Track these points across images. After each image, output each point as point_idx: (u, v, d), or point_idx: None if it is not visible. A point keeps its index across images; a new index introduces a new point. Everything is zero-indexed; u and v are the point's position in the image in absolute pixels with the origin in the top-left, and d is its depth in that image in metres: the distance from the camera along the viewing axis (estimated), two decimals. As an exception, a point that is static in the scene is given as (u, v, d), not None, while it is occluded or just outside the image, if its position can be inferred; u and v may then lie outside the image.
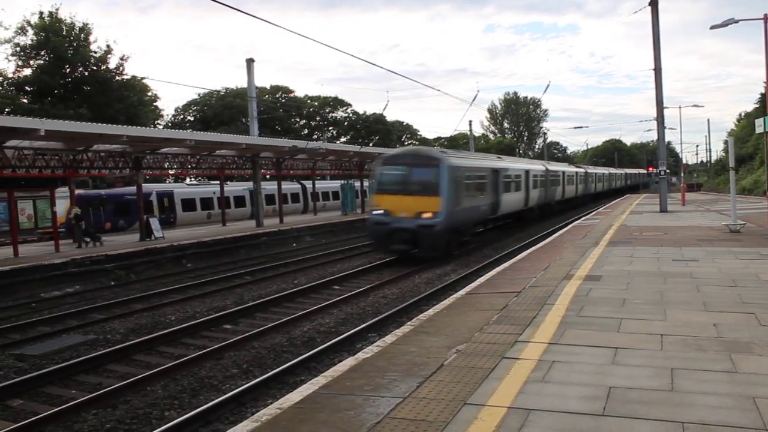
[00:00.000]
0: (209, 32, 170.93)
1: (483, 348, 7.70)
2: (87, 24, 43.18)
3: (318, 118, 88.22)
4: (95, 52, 43.39)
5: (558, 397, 5.87)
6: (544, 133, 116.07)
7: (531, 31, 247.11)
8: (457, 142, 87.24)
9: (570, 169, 55.96)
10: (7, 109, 36.52)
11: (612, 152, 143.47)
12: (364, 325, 13.15)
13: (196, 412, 8.53)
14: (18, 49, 41.57)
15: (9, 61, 44.51)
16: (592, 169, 71.02)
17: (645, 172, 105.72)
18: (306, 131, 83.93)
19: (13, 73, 42.20)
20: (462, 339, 8.18)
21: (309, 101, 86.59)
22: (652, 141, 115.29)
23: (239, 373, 10.56)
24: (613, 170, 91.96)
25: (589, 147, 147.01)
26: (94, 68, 43.12)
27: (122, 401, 9.24)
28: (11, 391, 9.52)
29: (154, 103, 51.92)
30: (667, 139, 46.38)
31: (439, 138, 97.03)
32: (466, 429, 5.24)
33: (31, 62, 42.21)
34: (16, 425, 8.16)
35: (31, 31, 41.67)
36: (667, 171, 34.79)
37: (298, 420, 5.66)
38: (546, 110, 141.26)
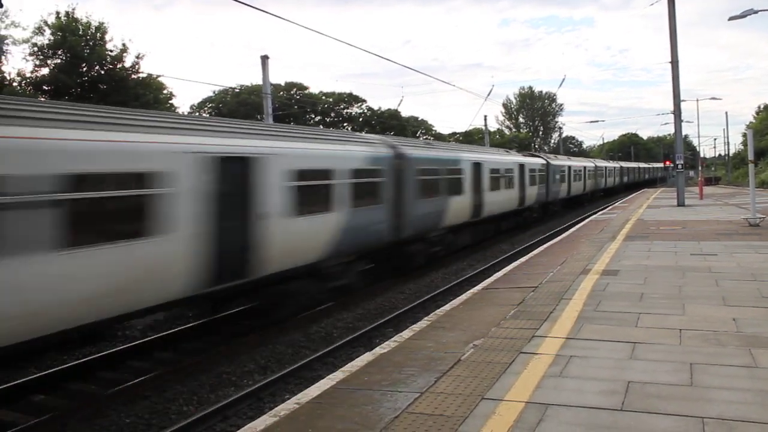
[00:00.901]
0: (224, 29, 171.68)
1: (500, 343, 7.70)
2: (103, 23, 43.48)
3: (333, 115, 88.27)
4: (111, 51, 43.68)
5: (576, 392, 5.86)
6: (560, 128, 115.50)
7: (546, 25, 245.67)
8: (472, 137, 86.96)
9: (576, 163, 50.20)
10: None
11: (628, 146, 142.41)
12: (381, 321, 13.18)
13: (215, 407, 8.62)
14: (36, 49, 41.97)
15: (27, 61, 44.76)
16: (602, 163, 64.70)
17: (660, 165, 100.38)
18: (321, 128, 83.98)
19: (31, 72, 42.60)
20: (479, 334, 8.18)
21: (324, 97, 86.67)
22: (669, 134, 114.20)
23: (257, 369, 10.62)
24: (625, 164, 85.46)
25: (606, 141, 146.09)
26: (110, 67, 43.45)
27: (142, 396, 9.34)
28: (35, 386, 9.63)
29: (170, 101, 52.11)
30: (684, 133, 46.06)
31: (454, 133, 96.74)
32: (484, 424, 5.25)
33: (49, 62, 42.58)
34: (39, 419, 8.28)
35: (48, 31, 42.04)
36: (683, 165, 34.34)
37: (316, 415, 5.70)
38: (561, 104, 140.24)
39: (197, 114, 70.95)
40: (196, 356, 10.95)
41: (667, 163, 74.33)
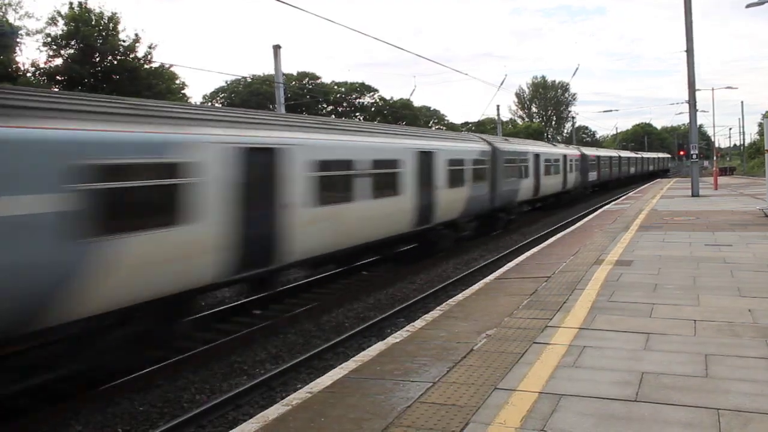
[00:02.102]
0: (236, 18, 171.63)
1: (513, 333, 7.67)
2: (116, 13, 43.61)
3: (345, 104, 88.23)
4: (124, 41, 43.82)
5: (589, 383, 5.83)
6: (573, 118, 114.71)
7: (559, 14, 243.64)
8: (485, 126, 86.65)
9: (550, 150, 36.27)
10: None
11: (642, 136, 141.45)
12: (392, 311, 13.17)
13: (228, 396, 8.66)
14: (49, 39, 42.17)
15: (41, 51, 44.97)
16: (589, 151, 49.14)
17: (666, 156, 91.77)
18: (333, 117, 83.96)
19: (45, 63, 42.85)
20: (492, 324, 8.16)
21: (336, 87, 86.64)
22: (684, 124, 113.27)
23: (269, 358, 10.65)
24: (625, 154, 69.47)
25: (619, 131, 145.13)
26: (123, 57, 43.60)
27: (154, 385, 9.39)
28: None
29: (182, 91, 52.25)
30: (699, 122, 45.46)
31: (466, 123, 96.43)
32: (497, 414, 5.23)
33: (62, 52, 42.77)
34: (54, 406, 8.34)
35: (61, 22, 42.24)
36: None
37: (328, 404, 5.70)
38: (575, 94, 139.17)
39: (210, 104, 71.09)
40: (208, 345, 10.98)
41: (682, 153, 70.93)
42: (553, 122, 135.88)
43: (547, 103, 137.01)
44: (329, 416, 5.40)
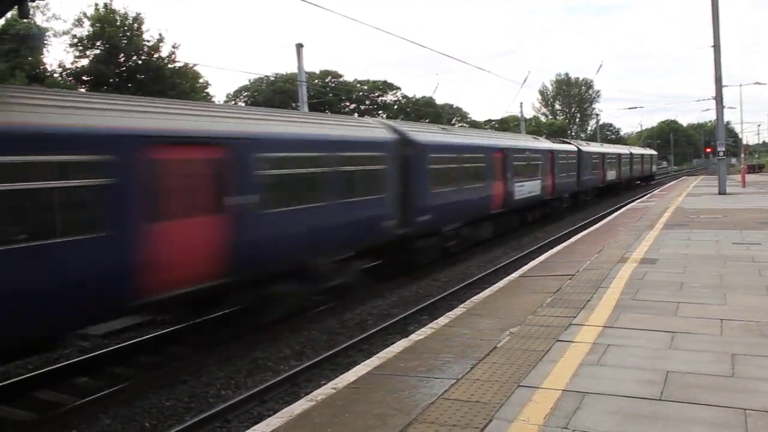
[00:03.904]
0: (259, 17, 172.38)
1: (536, 330, 7.66)
2: (140, 14, 44.11)
3: (368, 102, 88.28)
4: (148, 41, 44.31)
5: (613, 381, 5.81)
6: (597, 115, 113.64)
7: (582, 11, 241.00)
8: (508, 124, 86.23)
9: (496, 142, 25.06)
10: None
11: (668, 133, 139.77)
12: (416, 308, 13.19)
13: (253, 392, 8.75)
14: (75, 40, 42.75)
15: (68, 52, 45.66)
16: (547, 145, 31.31)
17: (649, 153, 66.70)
18: (356, 116, 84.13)
19: (71, 63, 43.44)
20: (515, 321, 8.15)
21: (358, 85, 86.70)
22: (710, 121, 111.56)
23: (293, 355, 10.73)
24: (603, 149, 46.03)
25: (644, 128, 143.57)
26: (147, 57, 44.07)
27: (180, 381, 9.51)
28: (77, 369, 9.88)
29: (206, 90, 52.65)
30: (726, 119, 44.78)
31: (489, 120, 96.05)
32: (520, 411, 5.24)
33: (88, 53, 43.35)
34: (83, 401, 8.50)
35: (87, 23, 42.80)
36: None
37: (352, 399, 5.75)
38: (598, 91, 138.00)
39: (233, 102, 71.63)
40: (233, 342, 11.09)
41: (709, 150, 67.76)
42: (577, 119, 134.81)
43: (570, 100, 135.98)
44: (353, 412, 5.45)
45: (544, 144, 30.77)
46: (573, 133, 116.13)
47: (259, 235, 10.66)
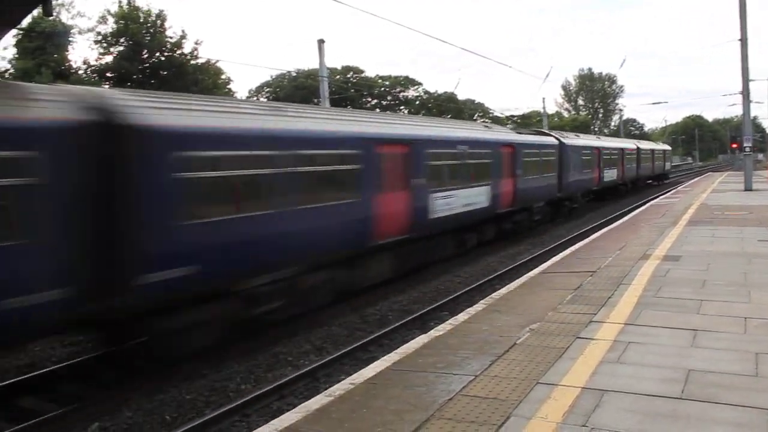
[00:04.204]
0: (280, 12, 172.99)
1: (556, 327, 7.62)
2: (162, 11, 44.52)
3: (389, 98, 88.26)
4: (171, 38, 44.70)
5: (634, 379, 5.76)
6: (620, 110, 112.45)
7: (606, 6, 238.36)
8: (530, 120, 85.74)
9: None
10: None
11: (692, 129, 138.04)
12: (436, 304, 13.18)
13: (272, 386, 8.80)
14: (99, 37, 43.26)
15: (92, 49, 46.24)
16: (502, 136, 22.85)
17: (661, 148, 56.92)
18: (377, 111, 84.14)
19: (96, 60, 43.97)
20: (535, 318, 8.11)
21: (380, 81, 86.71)
22: (737, 116, 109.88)
23: (313, 350, 10.77)
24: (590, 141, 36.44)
25: (668, 123, 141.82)
26: (170, 53, 44.46)
27: (200, 375, 9.59)
28: (100, 362, 9.99)
29: (228, 86, 52.98)
30: (753, 114, 44.08)
31: (511, 116, 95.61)
32: (539, 408, 5.21)
33: (112, 50, 43.83)
34: (106, 393, 8.60)
35: (111, 20, 43.30)
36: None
37: (370, 395, 5.76)
38: (622, 86, 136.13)
39: (256, 98, 71.96)
40: (254, 337, 11.15)
41: (734, 146, 65.51)
42: (600, 115, 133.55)
43: (593, 96, 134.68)
44: (371, 407, 5.45)
45: (497, 135, 21.94)
46: (596, 129, 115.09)
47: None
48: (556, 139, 27.82)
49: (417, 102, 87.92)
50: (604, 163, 34.84)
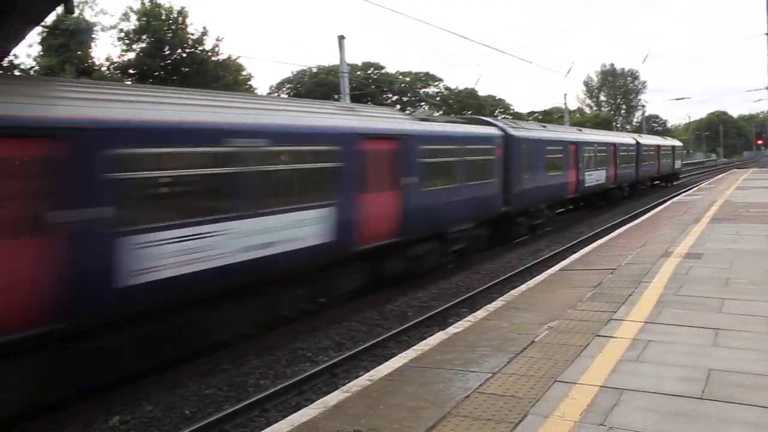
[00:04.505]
0: (302, 9, 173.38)
1: (575, 325, 7.57)
2: (184, 7, 44.87)
3: (410, 94, 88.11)
4: (192, 34, 45.04)
5: (653, 378, 5.71)
6: (643, 106, 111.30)
7: (617, 8, 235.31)
8: (552, 116, 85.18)
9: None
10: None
11: (717, 125, 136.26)
12: (456, 301, 13.16)
13: (291, 382, 8.84)
14: (122, 34, 43.70)
15: (115, 46, 46.80)
16: (363, 124, 13.32)
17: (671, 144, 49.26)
18: (398, 107, 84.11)
19: (118, 57, 44.43)
20: (554, 315, 8.07)
21: (401, 77, 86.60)
22: (763, 112, 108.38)
23: (332, 345, 10.81)
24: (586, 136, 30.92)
25: (692, 119, 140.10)
26: (191, 50, 44.78)
27: (221, 369, 9.66)
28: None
29: (248, 82, 53.25)
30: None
31: (532, 112, 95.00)
32: (556, 406, 5.19)
33: (134, 46, 44.26)
34: (124, 387, 8.70)
35: (133, 17, 43.74)
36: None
37: (387, 391, 5.77)
38: (645, 82, 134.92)
39: (277, 94, 72.24)
40: (273, 331, 11.21)
41: (760, 142, 63.90)
42: (623, 111, 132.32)
43: (616, 92, 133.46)
44: (387, 404, 5.46)
45: (354, 121, 12.96)
46: (618, 125, 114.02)
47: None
48: (500, 130, 19.58)
49: (438, 98, 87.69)
50: (586, 162, 27.54)
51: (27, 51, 41.53)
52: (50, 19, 35.48)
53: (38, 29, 37.50)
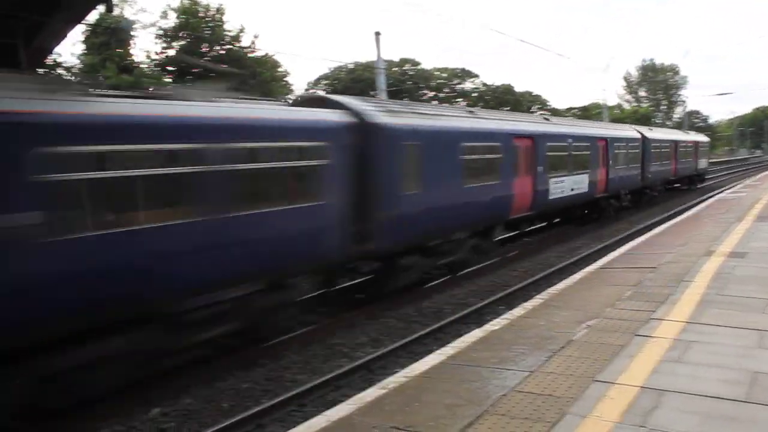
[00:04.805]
0: (339, 5, 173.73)
1: (614, 324, 7.47)
2: (221, 5, 45.49)
3: (446, 90, 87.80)
4: (229, 31, 45.62)
5: (695, 380, 5.61)
6: (683, 101, 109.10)
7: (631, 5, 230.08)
8: (590, 112, 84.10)
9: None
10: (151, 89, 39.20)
11: (762, 120, 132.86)
12: (493, 298, 13.09)
13: (328, 377, 8.89)
14: (162, 31, 44.53)
15: (156, 43, 47.66)
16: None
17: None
18: (435, 104, 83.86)
19: (158, 54, 45.24)
20: (592, 314, 7.97)
21: (437, 73, 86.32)
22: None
23: (369, 342, 10.84)
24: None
25: (736, 115, 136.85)
26: (229, 47, 45.38)
27: (258, 364, 9.76)
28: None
29: (284, 78, 53.74)
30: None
31: (570, 108, 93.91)
32: (594, 406, 5.13)
33: (174, 43, 45.02)
34: (164, 378, 8.85)
35: (173, 15, 44.60)
36: None
37: (423, 388, 5.77)
38: (685, 77, 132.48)
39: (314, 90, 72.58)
40: (310, 327, 11.28)
41: None
42: (663, 107, 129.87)
43: (656, 87, 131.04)
44: (423, 401, 5.46)
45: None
46: (659, 121, 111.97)
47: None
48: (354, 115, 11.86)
49: (474, 94, 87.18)
50: (549, 164, 18.83)
51: (71, 49, 42.52)
52: (93, 18, 36.33)
53: (82, 28, 38.44)
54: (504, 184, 16.09)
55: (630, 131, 29.10)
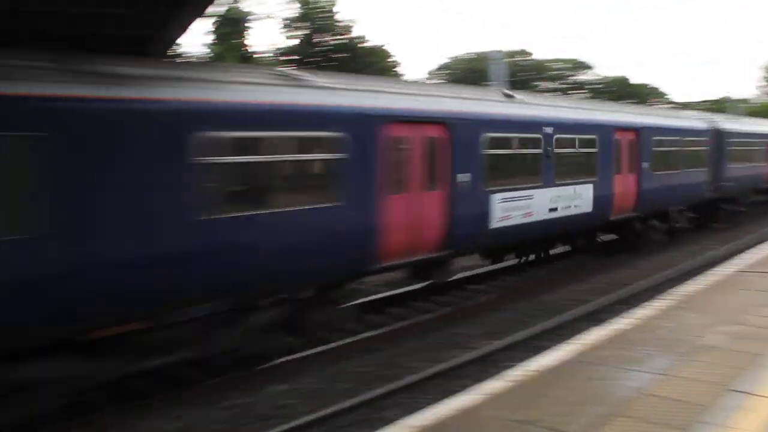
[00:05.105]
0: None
1: (752, 331, 7.11)
2: (340, -6, 46.89)
3: (559, 82, 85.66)
4: (340, 22, 47.17)
5: None
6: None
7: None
8: (722, 105, 79.38)
9: None
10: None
11: None
12: (617, 298, 12.75)
13: (444, 366, 8.99)
14: (286, 22, 46.35)
15: (280, 33, 49.81)
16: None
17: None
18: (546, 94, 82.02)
19: (281, 44, 47.26)
20: (726, 319, 7.61)
21: (551, 64, 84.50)
22: None
23: (485, 334, 10.84)
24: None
25: None
26: (343, 38, 46.86)
27: (376, 349, 10.01)
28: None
29: (395, 68, 54.58)
30: None
31: (687, 102, 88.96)
32: (729, 417, 4.93)
33: (296, 33, 46.82)
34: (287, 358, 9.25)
35: (295, 6, 46.38)
36: None
37: (548, 384, 5.73)
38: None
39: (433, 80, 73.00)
40: (426, 315, 11.44)
41: None
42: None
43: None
44: (547, 396, 5.42)
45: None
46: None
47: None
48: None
49: (589, 86, 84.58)
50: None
51: (200, 40, 44.86)
52: (222, 9, 38.14)
53: (212, 19, 40.45)
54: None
55: (691, 120, 21.39)
